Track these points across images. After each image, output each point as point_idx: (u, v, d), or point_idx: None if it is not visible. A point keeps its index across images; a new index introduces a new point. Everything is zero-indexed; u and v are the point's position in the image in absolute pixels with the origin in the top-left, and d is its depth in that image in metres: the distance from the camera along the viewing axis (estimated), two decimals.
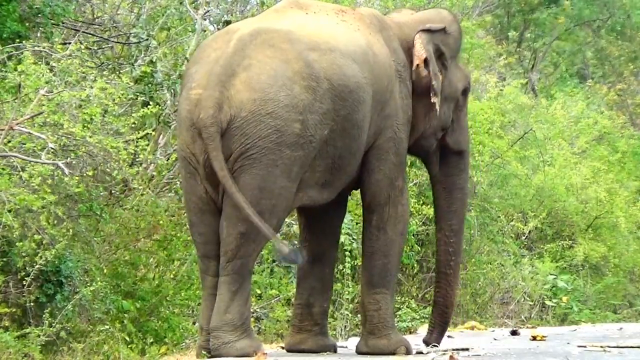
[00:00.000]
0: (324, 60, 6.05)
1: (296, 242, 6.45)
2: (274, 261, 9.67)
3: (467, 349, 7.05)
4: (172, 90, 8.76)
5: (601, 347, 7.44)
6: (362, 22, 6.54)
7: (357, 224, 9.88)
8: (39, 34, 8.13)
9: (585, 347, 7.47)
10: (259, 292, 9.36)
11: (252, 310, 8.99)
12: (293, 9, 6.38)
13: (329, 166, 6.21)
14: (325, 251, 6.64)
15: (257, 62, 5.89)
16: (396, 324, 10.77)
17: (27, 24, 7.96)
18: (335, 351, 6.81)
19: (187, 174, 6.00)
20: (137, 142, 7.74)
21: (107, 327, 7.13)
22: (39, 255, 6.63)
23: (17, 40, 7.67)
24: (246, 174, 5.84)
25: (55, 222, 6.81)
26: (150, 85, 8.53)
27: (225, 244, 5.89)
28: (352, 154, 6.32)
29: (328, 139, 6.07)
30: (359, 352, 6.59)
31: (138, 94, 8.37)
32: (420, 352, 6.71)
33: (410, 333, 10.53)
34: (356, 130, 6.25)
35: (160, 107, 8.66)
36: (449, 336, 9.10)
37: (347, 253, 9.72)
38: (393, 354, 6.47)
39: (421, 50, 6.60)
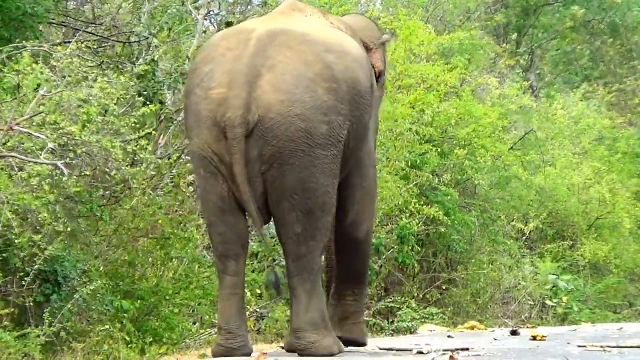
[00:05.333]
0: (340, 62, 6.11)
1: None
2: (274, 260, 9.68)
3: (467, 349, 7.04)
4: (173, 89, 8.75)
5: (601, 347, 7.43)
6: (340, 25, 6.63)
7: None
8: (28, 36, 8.11)
9: (585, 347, 7.47)
10: (259, 292, 9.37)
11: (252, 310, 9.03)
12: (295, 12, 6.43)
13: (340, 167, 6.30)
14: None
15: (279, 63, 5.92)
16: (396, 324, 10.84)
17: (13, 26, 7.94)
18: None
19: (206, 174, 5.97)
20: (137, 141, 7.74)
21: (107, 327, 7.13)
22: (38, 255, 6.62)
23: (7, 43, 7.65)
24: (287, 179, 5.89)
25: (55, 217, 6.79)
26: (151, 82, 8.52)
27: (287, 247, 5.98)
28: (355, 155, 6.42)
29: (345, 140, 6.14)
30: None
31: (140, 91, 8.35)
32: (421, 352, 6.71)
33: (411, 333, 10.54)
34: (364, 132, 6.38)
35: (160, 107, 8.67)
36: (449, 336, 9.11)
37: None
38: (364, 343, 6.69)
39: (381, 63, 6.85)
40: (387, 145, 11.64)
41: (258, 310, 9.22)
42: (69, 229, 6.88)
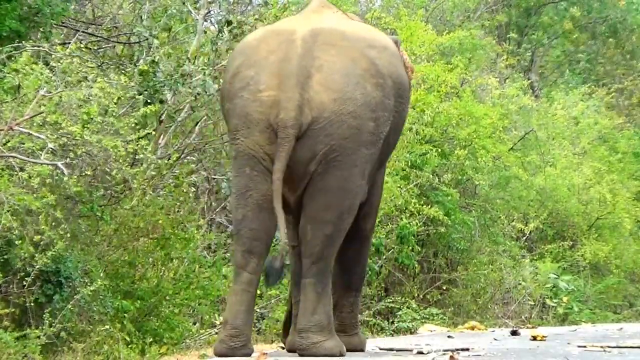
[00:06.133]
0: (383, 57, 6.17)
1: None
2: None
3: (467, 349, 7.05)
4: (173, 90, 8.74)
5: (601, 347, 7.44)
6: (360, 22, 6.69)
7: None
8: (38, 34, 8.12)
9: (585, 347, 7.47)
10: (259, 291, 9.35)
11: None
12: (325, 9, 6.47)
13: (378, 163, 6.37)
14: None
15: (325, 62, 5.97)
16: (396, 324, 10.84)
17: (26, 24, 7.95)
18: None
19: (252, 172, 6.00)
20: (137, 141, 7.73)
21: (107, 327, 7.13)
22: (39, 255, 6.61)
23: (17, 40, 7.65)
24: (330, 176, 5.95)
25: (54, 223, 6.78)
26: (152, 83, 8.51)
27: (310, 246, 6.01)
28: (392, 149, 6.54)
29: (386, 136, 6.20)
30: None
31: (140, 91, 8.33)
32: (421, 352, 6.72)
33: (411, 333, 10.54)
34: (401, 126, 6.49)
35: (161, 106, 8.65)
36: (449, 336, 9.11)
37: None
38: (362, 350, 6.66)
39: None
40: None
41: (258, 310, 9.21)
42: (68, 234, 6.86)
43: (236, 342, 6.00)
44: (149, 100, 8.30)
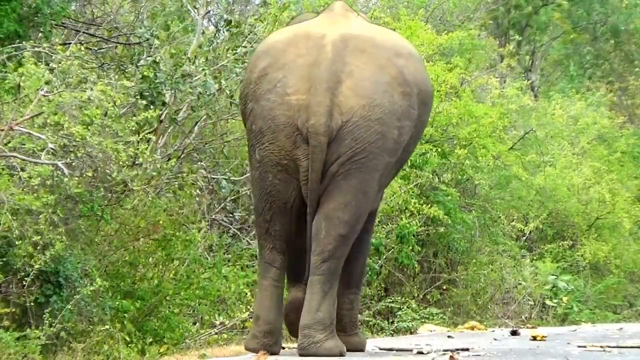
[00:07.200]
0: (410, 66, 6.25)
1: None
2: None
3: (467, 349, 7.05)
4: (174, 90, 8.73)
5: (601, 347, 7.44)
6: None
7: None
8: (39, 35, 8.12)
9: (585, 347, 7.48)
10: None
11: (251, 310, 9.02)
12: (348, 12, 6.52)
13: (394, 172, 6.47)
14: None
15: (355, 68, 6.05)
16: (396, 324, 10.84)
17: (25, 24, 7.95)
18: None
19: (275, 180, 6.12)
20: (137, 144, 7.72)
21: (107, 327, 7.13)
22: (38, 256, 6.60)
23: (17, 40, 7.65)
24: (353, 178, 6.02)
25: (53, 226, 6.77)
26: (152, 84, 8.50)
27: (322, 244, 6.06)
28: (409, 156, 6.64)
29: (406, 145, 6.27)
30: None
31: (141, 92, 8.32)
32: (421, 352, 6.72)
33: (411, 333, 10.54)
34: (421, 134, 6.60)
35: (161, 108, 8.64)
36: (449, 336, 9.11)
37: None
38: (362, 350, 6.71)
39: None
40: None
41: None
42: (67, 235, 6.86)
43: (270, 339, 6.15)
44: (150, 103, 8.28)
